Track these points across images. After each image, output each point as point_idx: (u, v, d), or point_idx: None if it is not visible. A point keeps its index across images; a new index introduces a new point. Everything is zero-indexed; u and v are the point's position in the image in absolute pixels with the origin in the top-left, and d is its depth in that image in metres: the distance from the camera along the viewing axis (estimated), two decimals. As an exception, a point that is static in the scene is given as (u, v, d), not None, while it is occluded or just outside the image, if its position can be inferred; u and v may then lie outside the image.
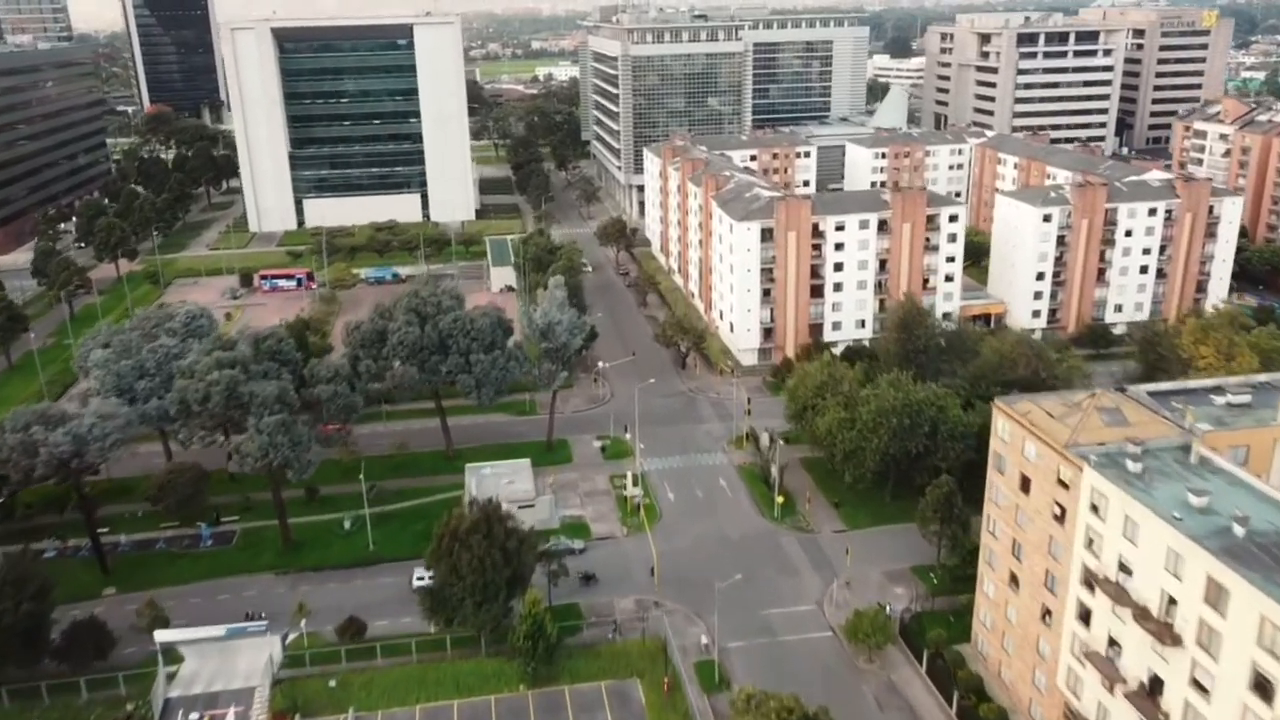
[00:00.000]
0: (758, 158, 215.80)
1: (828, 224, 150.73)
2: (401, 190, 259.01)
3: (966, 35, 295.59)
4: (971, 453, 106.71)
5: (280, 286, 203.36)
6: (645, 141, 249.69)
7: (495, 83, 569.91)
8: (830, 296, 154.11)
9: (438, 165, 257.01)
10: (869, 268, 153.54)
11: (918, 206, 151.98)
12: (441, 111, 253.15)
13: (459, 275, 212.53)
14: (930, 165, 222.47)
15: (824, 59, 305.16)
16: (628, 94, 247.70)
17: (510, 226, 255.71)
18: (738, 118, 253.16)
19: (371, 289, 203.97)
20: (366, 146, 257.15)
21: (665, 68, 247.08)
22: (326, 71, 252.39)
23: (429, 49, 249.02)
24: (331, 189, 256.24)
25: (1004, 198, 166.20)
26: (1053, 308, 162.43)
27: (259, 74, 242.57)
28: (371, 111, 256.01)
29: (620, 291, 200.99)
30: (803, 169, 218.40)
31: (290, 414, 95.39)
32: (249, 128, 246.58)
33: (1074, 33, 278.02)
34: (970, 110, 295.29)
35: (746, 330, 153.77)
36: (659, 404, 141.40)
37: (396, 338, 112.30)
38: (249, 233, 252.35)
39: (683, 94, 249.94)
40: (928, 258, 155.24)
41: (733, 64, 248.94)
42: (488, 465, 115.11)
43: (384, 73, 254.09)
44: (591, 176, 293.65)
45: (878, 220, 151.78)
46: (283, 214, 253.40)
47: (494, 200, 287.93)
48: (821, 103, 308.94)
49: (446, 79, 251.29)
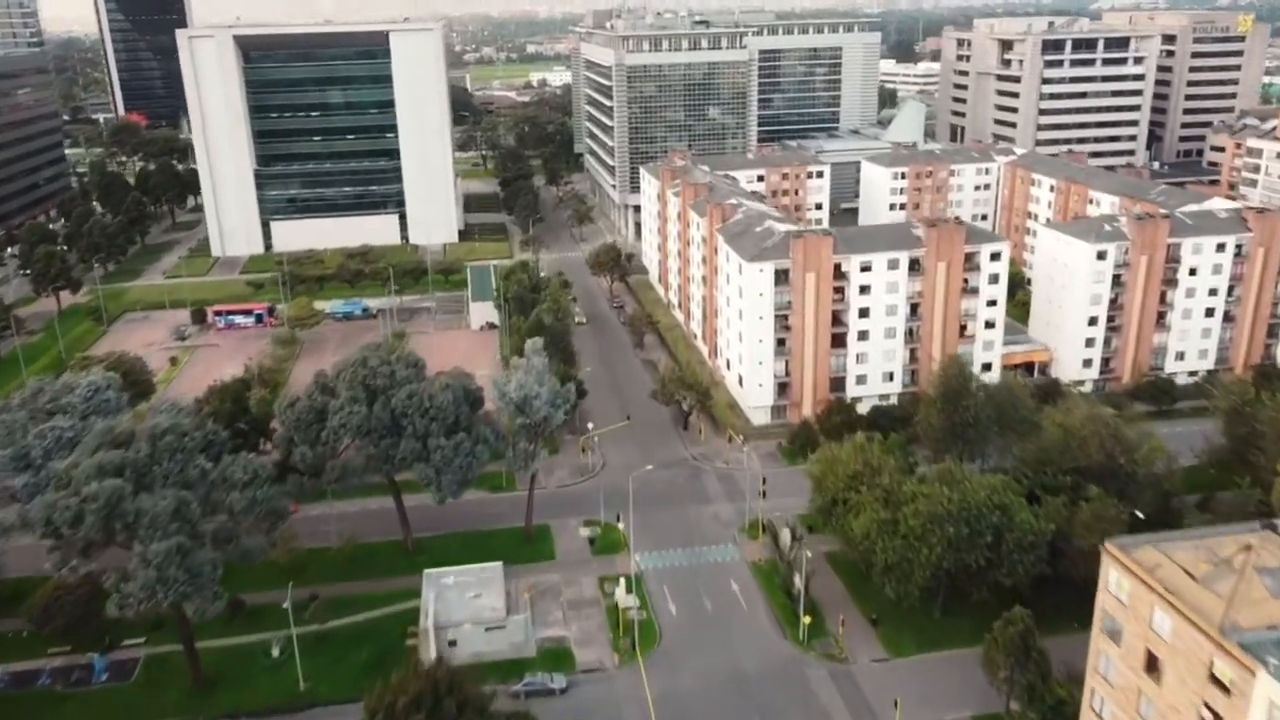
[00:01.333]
0: (765, 178, 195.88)
1: (852, 264, 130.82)
2: (378, 211, 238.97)
3: (986, 42, 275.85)
4: (1043, 565, 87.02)
5: (237, 324, 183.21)
6: (642, 158, 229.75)
7: (486, 89, 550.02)
8: (854, 346, 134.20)
9: (417, 184, 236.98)
10: (899, 314, 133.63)
11: (955, 243, 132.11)
12: (422, 125, 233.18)
13: (436, 309, 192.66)
14: (954, 186, 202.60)
15: (832, 67, 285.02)
16: (622, 107, 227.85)
17: (497, 249, 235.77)
18: (742, 132, 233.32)
19: (338, 326, 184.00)
20: (339, 164, 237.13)
21: (663, 78, 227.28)
22: (295, 83, 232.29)
23: (407, 58, 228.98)
24: (301, 210, 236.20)
25: (1050, 231, 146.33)
26: (1106, 356, 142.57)
27: (221, 86, 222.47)
28: (345, 126, 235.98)
29: (614, 329, 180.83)
30: (815, 191, 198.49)
31: (193, 533, 75.09)
32: (210, 144, 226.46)
33: (1102, 39, 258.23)
34: (990, 122, 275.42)
35: (758, 386, 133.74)
36: (658, 477, 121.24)
37: (339, 419, 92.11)
38: (211, 258, 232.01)
39: (682, 106, 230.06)
40: (966, 302, 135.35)
41: (736, 74, 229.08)
42: (451, 572, 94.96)
43: (358, 84, 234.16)
44: (585, 193, 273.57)
45: (909, 259, 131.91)
46: (248, 237, 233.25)
47: (480, 219, 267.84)
48: (830, 114, 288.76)
49: (426, 90, 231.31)
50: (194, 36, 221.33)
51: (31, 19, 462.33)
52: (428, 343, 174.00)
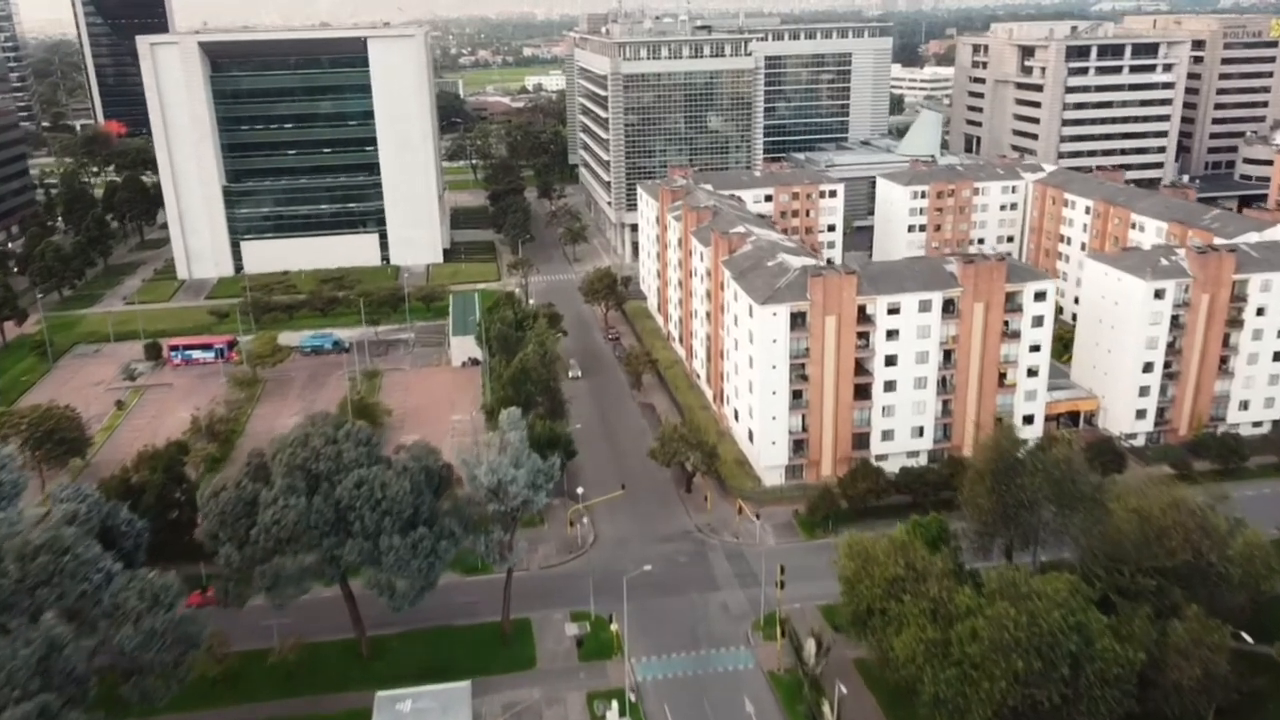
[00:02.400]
0: (774, 198, 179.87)
1: (878, 306, 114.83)
2: (356, 230, 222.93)
3: (1004, 48, 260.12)
4: (1131, 701, 71.02)
5: (195, 359, 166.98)
6: (639, 174, 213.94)
7: (479, 95, 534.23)
8: (880, 398, 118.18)
9: (399, 201, 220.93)
10: (930, 361, 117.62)
11: (995, 282, 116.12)
12: (404, 138, 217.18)
13: (414, 341, 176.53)
14: (978, 206, 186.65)
15: (841, 73, 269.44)
16: (618, 118, 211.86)
17: (484, 271, 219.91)
18: (747, 145, 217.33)
19: (306, 362, 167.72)
20: (315, 180, 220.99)
21: (662, 88, 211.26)
22: (268, 93, 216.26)
23: (387, 66, 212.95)
24: (274, 229, 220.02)
25: (1098, 264, 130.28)
26: (1161, 405, 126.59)
27: (186, 96, 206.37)
28: (321, 139, 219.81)
29: (608, 364, 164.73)
30: (828, 211, 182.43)
31: (62, 685, 58.96)
32: (175, 159, 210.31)
33: (1129, 45, 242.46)
34: (1008, 133, 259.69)
35: (771, 444, 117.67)
36: (657, 554, 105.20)
37: (271, 515, 75.87)
38: (176, 281, 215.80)
39: (683, 118, 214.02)
40: (1006, 347, 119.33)
41: (741, 83, 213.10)
42: (408, 695, 78.70)
43: (335, 94, 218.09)
44: (579, 208, 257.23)
45: (943, 300, 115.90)
46: (217, 259, 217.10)
47: (468, 236, 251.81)
48: (838, 124, 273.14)
49: (409, 100, 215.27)
50: (156, 43, 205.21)
51: (6, 22, 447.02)
52: (403, 382, 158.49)
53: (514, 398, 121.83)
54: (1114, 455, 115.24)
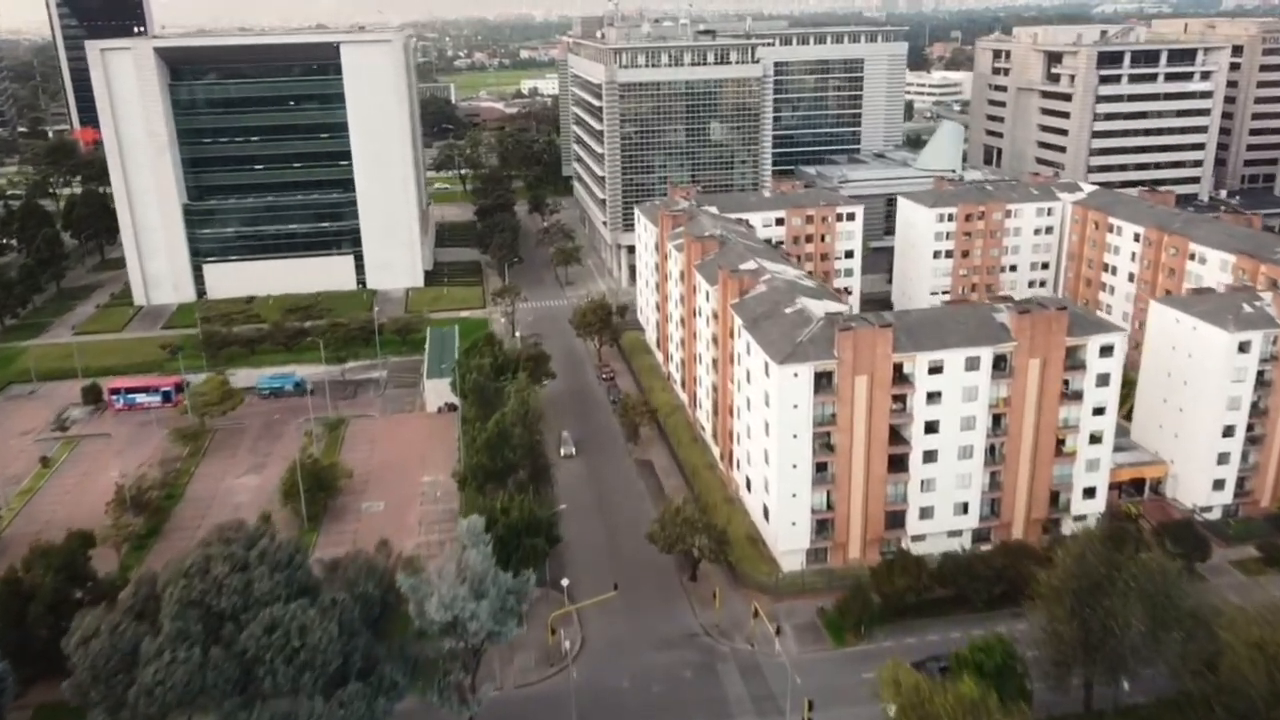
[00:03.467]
0: (786, 222, 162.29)
1: (918, 365, 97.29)
2: (330, 252, 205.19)
3: (1028, 53, 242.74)
4: None
5: (139, 404, 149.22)
6: (636, 192, 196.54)
7: (472, 99, 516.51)
8: (918, 471, 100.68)
9: (376, 220, 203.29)
10: (978, 427, 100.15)
11: (1054, 335, 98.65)
12: (381, 152, 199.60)
13: (386, 381, 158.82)
14: (1010, 229, 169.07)
15: (853, 81, 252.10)
16: (614, 131, 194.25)
17: (468, 297, 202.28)
18: (754, 160, 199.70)
19: (263, 406, 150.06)
20: (284, 197, 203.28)
21: (661, 98, 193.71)
22: (232, 103, 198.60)
23: (363, 73, 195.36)
24: (240, 251, 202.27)
25: (1167, 309, 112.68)
26: (1242, 474, 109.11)
27: (141, 107, 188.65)
28: (291, 153, 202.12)
29: (602, 409, 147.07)
30: (845, 236, 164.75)
31: None
32: (130, 175, 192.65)
33: (1165, 51, 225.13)
34: (1032, 144, 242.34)
35: (790, 525, 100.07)
36: (657, 665, 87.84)
37: (154, 673, 58.14)
38: (132, 307, 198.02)
39: (684, 131, 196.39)
40: (1066, 410, 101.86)
41: (748, 93, 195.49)
42: None
43: (306, 104, 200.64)
44: (572, 225, 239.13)
45: (993, 357, 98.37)
46: (177, 283, 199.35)
47: (454, 256, 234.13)
48: (850, 134, 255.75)
49: (386, 111, 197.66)
50: (107, 49, 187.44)
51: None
52: (371, 431, 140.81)
53: (490, 465, 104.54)
54: (1196, 540, 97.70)
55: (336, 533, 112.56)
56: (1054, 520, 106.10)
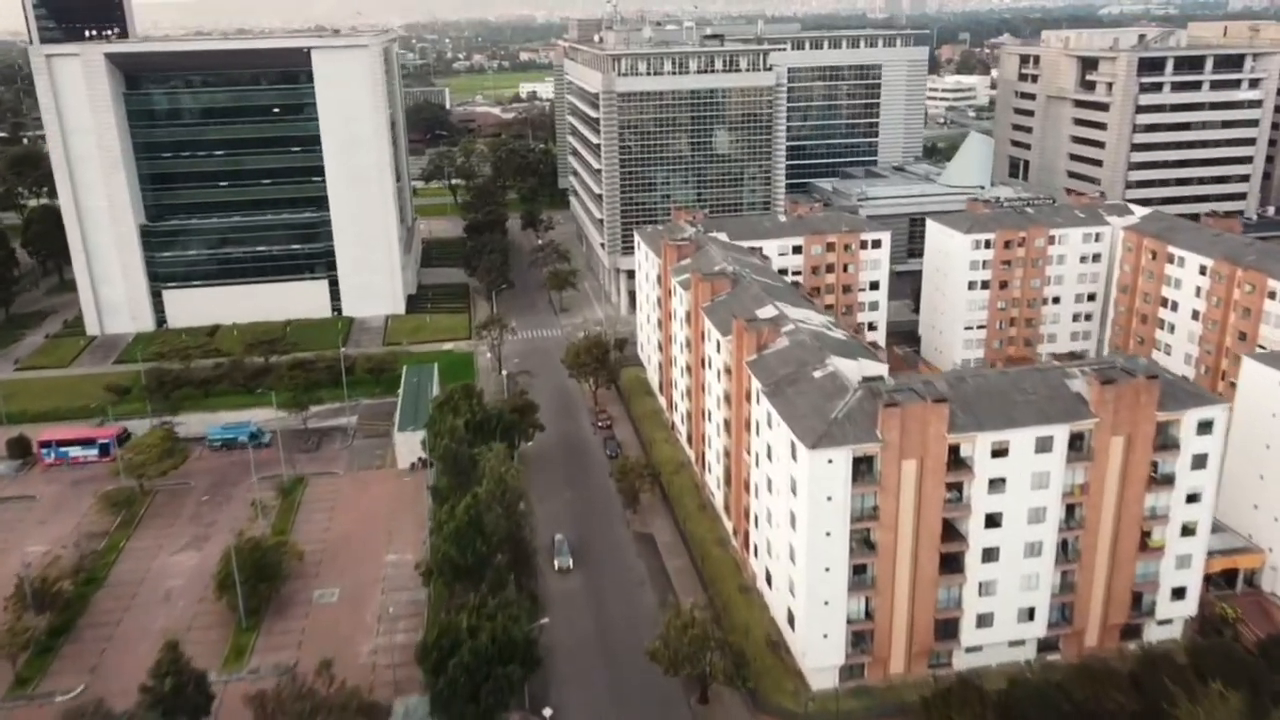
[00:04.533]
0: (804, 250, 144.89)
1: (978, 447, 79.82)
2: (302, 276, 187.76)
3: (1059, 59, 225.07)
4: None
5: (75, 458, 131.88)
6: (637, 212, 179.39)
7: (467, 104, 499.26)
8: (976, 571, 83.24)
9: (352, 241, 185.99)
10: (1048, 520, 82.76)
11: (1143, 409, 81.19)
12: (356, 167, 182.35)
13: (355, 430, 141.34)
14: (1053, 257, 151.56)
15: (870, 88, 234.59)
16: (612, 146, 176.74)
17: (454, 325, 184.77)
18: (767, 177, 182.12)
19: (215, 461, 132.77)
20: (252, 216, 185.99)
21: (665, 109, 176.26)
22: (194, 115, 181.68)
23: (336, 81, 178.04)
24: (203, 276, 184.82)
25: (1265, 368, 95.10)
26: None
27: (92, 119, 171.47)
28: (259, 168, 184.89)
29: (596, 466, 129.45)
30: (870, 266, 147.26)
31: None
32: (80, 194, 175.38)
33: (1211, 57, 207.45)
34: (1064, 157, 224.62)
35: (822, 636, 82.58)
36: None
37: None
38: (84, 338, 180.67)
39: (689, 146, 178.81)
40: (1153, 497, 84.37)
41: (760, 103, 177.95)
42: None
43: (275, 115, 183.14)
44: (569, 243, 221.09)
45: (1069, 436, 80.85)
46: (134, 311, 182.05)
47: (441, 277, 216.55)
48: (866, 146, 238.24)
49: (362, 122, 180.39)
50: (52, 55, 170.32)
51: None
52: (333, 494, 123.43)
53: (459, 559, 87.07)
54: None
55: (280, 632, 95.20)
56: (1134, 626, 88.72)
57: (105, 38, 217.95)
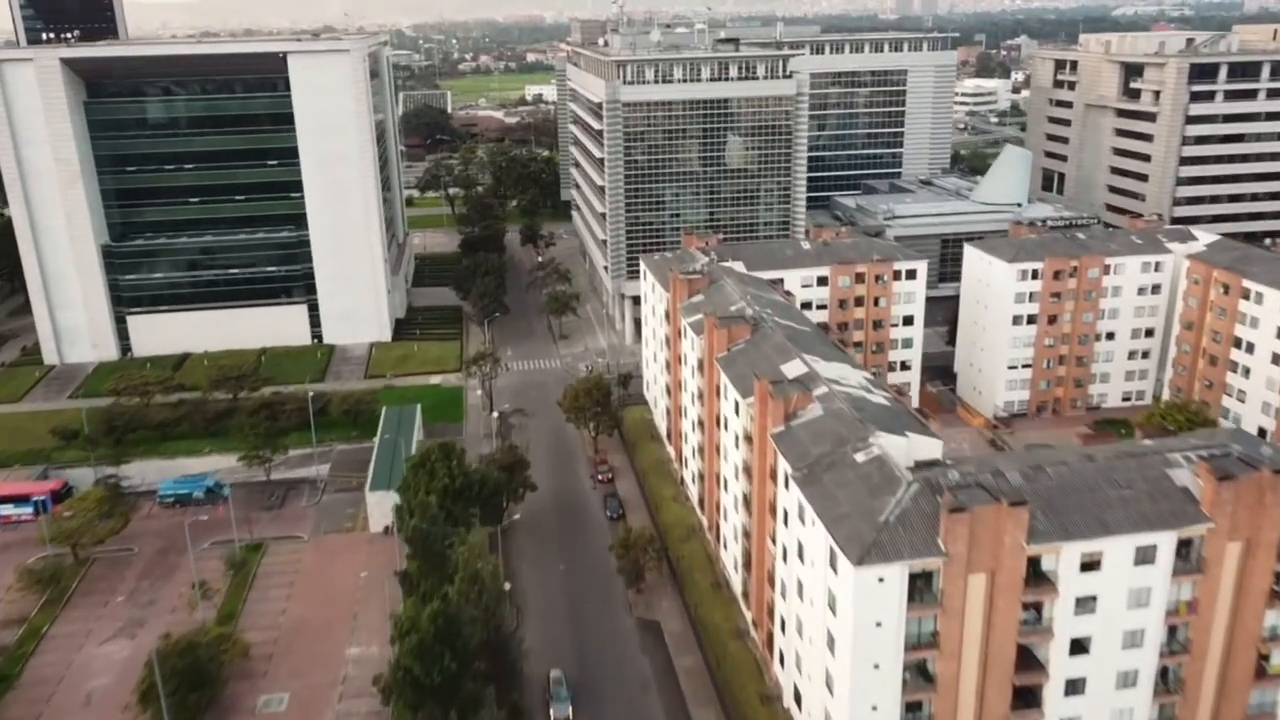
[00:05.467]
0: (830, 281, 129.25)
1: (1063, 559, 64.14)
2: (279, 300, 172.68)
3: (1100, 65, 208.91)
4: None
5: (4, 517, 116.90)
6: (643, 234, 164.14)
7: (469, 108, 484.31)
8: (1056, 706, 67.62)
9: (333, 262, 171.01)
10: (1146, 643, 67.05)
11: (1269, 509, 65.33)
12: (337, 182, 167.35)
13: (325, 483, 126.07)
14: (1108, 288, 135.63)
15: (895, 95, 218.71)
16: (617, 161, 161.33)
17: (443, 355, 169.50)
18: (787, 197, 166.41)
19: (166, 520, 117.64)
20: (225, 236, 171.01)
21: (674, 120, 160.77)
22: (161, 125, 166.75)
23: (315, 89, 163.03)
24: (171, 300, 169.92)
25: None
26: None
27: (47, 130, 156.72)
28: (232, 183, 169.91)
29: (593, 530, 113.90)
30: (904, 298, 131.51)
31: None
32: (35, 210, 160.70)
33: (1268, 64, 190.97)
34: (1104, 170, 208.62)
35: (866, 787, 66.93)
36: None
37: None
38: (42, 367, 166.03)
39: (701, 161, 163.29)
40: (1275, 614, 68.50)
41: (779, 114, 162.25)
42: None
43: (249, 125, 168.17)
44: (570, 262, 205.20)
45: (1175, 543, 65.11)
46: (95, 338, 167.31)
47: (433, 298, 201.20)
48: (890, 157, 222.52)
49: (343, 133, 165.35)
50: (3, 60, 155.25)
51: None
52: (294, 565, 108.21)
53: (423, 679, 71.74)
54: None
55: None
56: (1246, 766, 72.88)
57: (65, 40, 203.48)
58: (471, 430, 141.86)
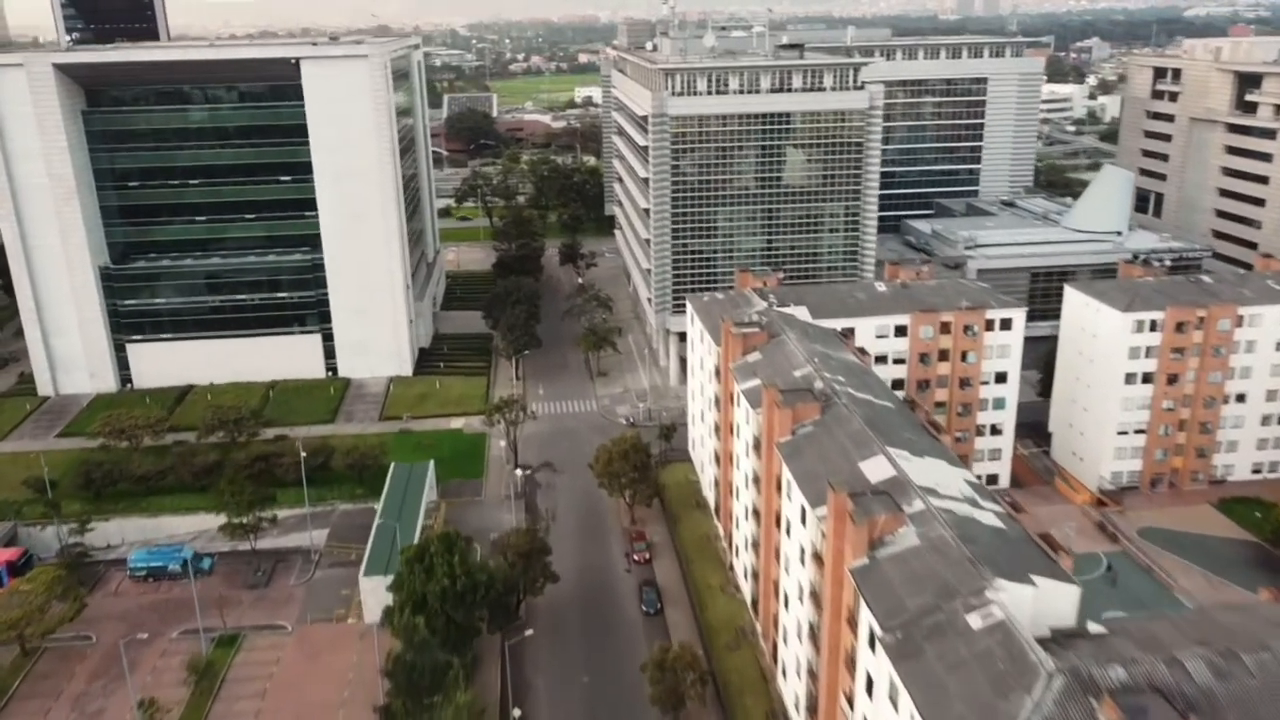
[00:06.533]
0: (909, 332, 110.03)
1: (1281, 805, 44.83)
2: (291, 329, 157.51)
3: (1209, 74, 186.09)
4: None
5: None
6: (692, 263, 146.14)
7: (516, 111, 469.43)
8: None
9: (349, 288, 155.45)
10: None
11: None
12: (354, 200, 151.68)
13: (319, 556, 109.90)
14: (1240, 342, 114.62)
15: (973, 106, 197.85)
16: (663, 183, 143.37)
17: (468, 393, 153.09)
18: (856, 226, 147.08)
19: (135, 597, 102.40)
20: (233, 258, 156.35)
21: (729, 137, 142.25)
22: (163, 137, 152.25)
23: (330, 98, 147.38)
24: (175, 328, 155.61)
25: None
26: None
27: (40, 141, 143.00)
28: (242, 200, 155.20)
29: (627, 631, 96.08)
30: (997, 353, 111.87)
31: None
32: (28, 229, 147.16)
33: None
34: (1211, 193, 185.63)
35: None
36: None
37: None
38: (35, 398, 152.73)
39: (757, 183, 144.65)
40: None
41: (848, 130, 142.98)
42: None
43: (260, 137, 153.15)
44: (609, 295, 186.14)
45: None
46: (93, 368, 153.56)
47: (462, 324, 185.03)
48: (967, 174, 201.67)
49: (361, 147, 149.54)
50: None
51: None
52: (271, 664, 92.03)
53: None
54: None
55: None
56: None
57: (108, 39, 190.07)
58: (492, 489, 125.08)
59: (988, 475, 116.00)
